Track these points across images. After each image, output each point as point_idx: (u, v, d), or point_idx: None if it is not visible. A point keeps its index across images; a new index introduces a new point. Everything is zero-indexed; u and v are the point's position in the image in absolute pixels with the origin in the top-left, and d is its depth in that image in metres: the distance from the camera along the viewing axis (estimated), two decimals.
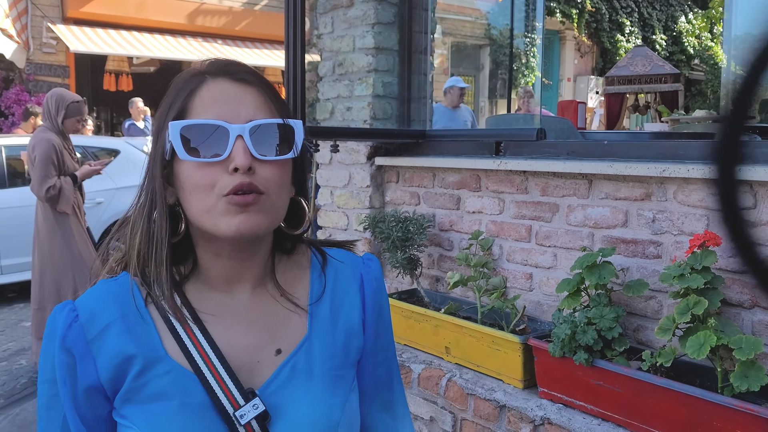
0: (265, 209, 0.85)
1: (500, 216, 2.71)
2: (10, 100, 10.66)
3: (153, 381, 0.85)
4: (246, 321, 0.92)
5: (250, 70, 0.91)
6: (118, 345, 0.86)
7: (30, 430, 3.87)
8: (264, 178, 0.85)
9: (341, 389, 0.92)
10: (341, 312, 0.97)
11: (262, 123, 0.85)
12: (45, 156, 4.33)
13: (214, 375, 0.86)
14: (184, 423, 0.84)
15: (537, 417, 2.19)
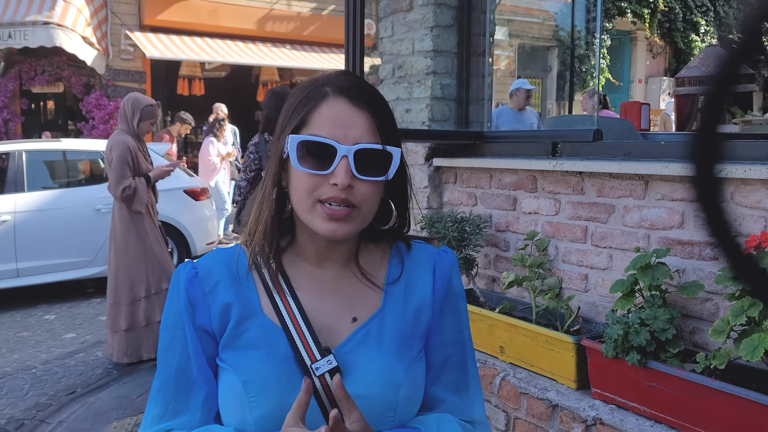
0: (356, 219, 1.01)
1: (556, 217, 2.72)
2: (91, 105, 11.19)
3: (248, 332, 1.04)
4: (330, 291, 1.08)
5: (368, 94, 1.04)
6: (225, 297, 1.06)
7: (104, 418, 4.08)
8: (360, 194, 1.00)
9: (407, 356, 1.06)
10: (415, 291, 1.10)
11: (366, 147, 0.99)
12: (121, 158, 4.56)
13: (297, 331, 1.02)
14: (269, 369, 1.01)
15: (589, 417, 2.19)
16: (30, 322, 6.36)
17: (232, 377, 1.02)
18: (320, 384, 0.99)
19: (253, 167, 4.42)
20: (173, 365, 1.08)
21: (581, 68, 15.46)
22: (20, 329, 6.10)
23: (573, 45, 13.32)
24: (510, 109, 7.03)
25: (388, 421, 1.02)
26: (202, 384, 1.06)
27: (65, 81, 11.49)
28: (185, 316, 1.06)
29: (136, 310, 4.65)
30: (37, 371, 4.99)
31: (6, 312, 6.74)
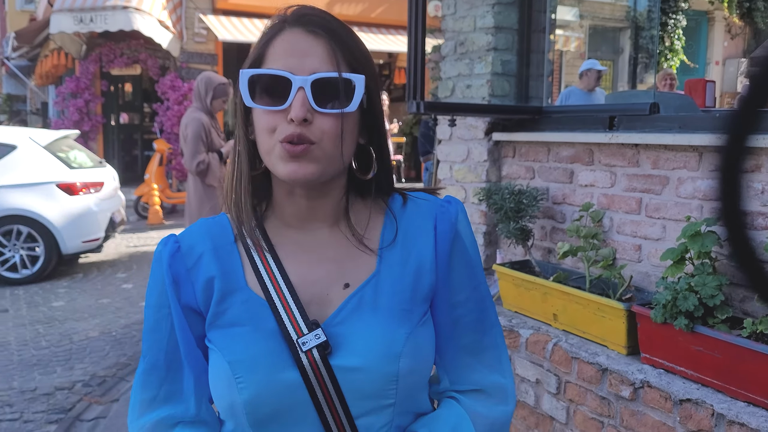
0: (318, 158, 0.90)
1: (611, 189, 2.77)
2: (166, 86, 11.63)
3: (232, 308, 0.96)
4: (318, 257, 0.98)
5: (325, 20, 0.93)
6: (208, 271, 0.98)
7: None
8: (320, 129, 0.89)
9: (407, 323, 0.95)
10: (413, 250, 1.00)
11: (324, 76, 0.89)
12: (195, 134, 4.80)
13: (283, 304, 0.94)
14: (254, 346, 0.93)
15: (637, 380, 2.26)
16: (110, 290, 6.76)
17: (219, 358, 0.94)
18: (307, 360, 0.91)
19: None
20: (162, 347, 1.00)
21: (654, 50, 15.05)
22: (101, 297, 6.50)
23: (646, 26, 12.98)
24: (579, 90, 6.96)
25: (389, 395, 0.93)
26: (192, 367, 1.00)
27: (142, 63, 11.99)
28: (170, 294, 0.98)
29: None
30: (117, 334, 5.33)
31: (88, 281, 7.18)
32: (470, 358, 1.03)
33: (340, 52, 0.92)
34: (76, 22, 10.63)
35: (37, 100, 20.29)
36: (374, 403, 0.94)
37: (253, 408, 0.92)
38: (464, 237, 1.03)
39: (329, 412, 0.92)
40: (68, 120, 11.79)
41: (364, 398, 0.93)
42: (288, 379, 0.91)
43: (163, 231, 10.20)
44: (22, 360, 4.80)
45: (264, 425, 0.93)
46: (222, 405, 0.96)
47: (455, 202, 1.05)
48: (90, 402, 4.09)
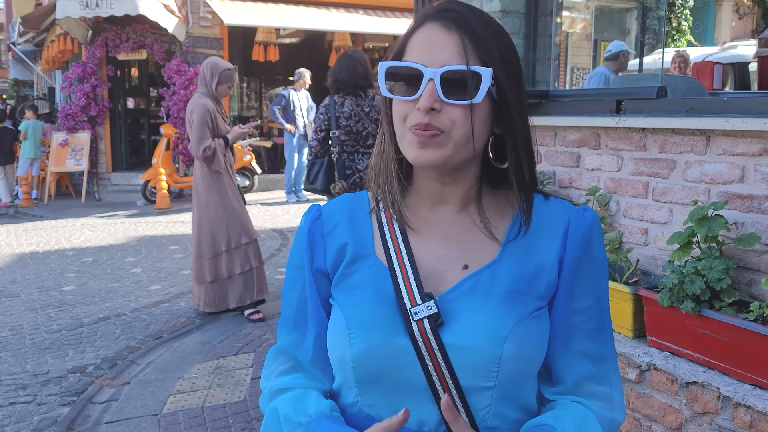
0: (444, 146, 0.96)
1: (618, 173, 2.77)
2: (172, 71, 11.61)
3: (358, 272, 1.05)
4: (443, 236, 1.04)
5: (463, 15, 0.97)
6: (341, 238, 1.08)
7: (188, 360, 4.40)
8: (449, 119, 0.95)
9: (518, 310, 0.98)
10: (538, 249, 1.03)
11: (453, 69, 0.94)
12: (201, 119, 4.81)
13: (402, 274, 1.01)
14: (371, 308, 1.01)
15: (643, 363, 2.28)
16: (119, 274, 6.81)
17: (338, 314, 1.03)
18: (418, 329, 0.96)
19: (323, 128, 4.59)
20: (293, 304, 1.12)
21: (661, 30, 14.92)
22: (111, 281, 6.56)
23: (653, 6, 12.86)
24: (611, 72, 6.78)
25: (490, 377, 0.96)
26: (314, 324, 1.09)
27: (148, 48, 11.96)
28: (305, 257, 1.09)
29: (219, 263, 4.94)
30: (127, 318, 5.38)
31: (98, 265, 7.24)
32: (589, 366, 1.04)
33: (472, 46, 0.95)
34: (81, 6, 10.60)
35: (44, 85, 20.31)
36: (476, 383, 0.97)
37: (360, 363, 0.99)
38: (595, 248, 1.05)
39: (438, 381, 0.97)
40: (75, 105, 11.80)
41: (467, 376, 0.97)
42: (397, 344, 0.98)
43: (171, 215, 10.25)
44: (35, 343, 4.86)
45: (368, 383, 1.00)
46: (334, 358, 1.04)
47: (591, 213, 1.07)
48: (102, 385, 4.15)
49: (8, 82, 25.91)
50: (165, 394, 3.95)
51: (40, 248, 8.19)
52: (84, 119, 11.94)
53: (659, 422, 2.24)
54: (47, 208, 11.26)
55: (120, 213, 10.55)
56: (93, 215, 10.44)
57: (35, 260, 7.56)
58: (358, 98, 4.57)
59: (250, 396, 3.85)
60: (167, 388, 4.03)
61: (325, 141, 4.60)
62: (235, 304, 5.04)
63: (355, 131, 4.59)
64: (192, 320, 5.20)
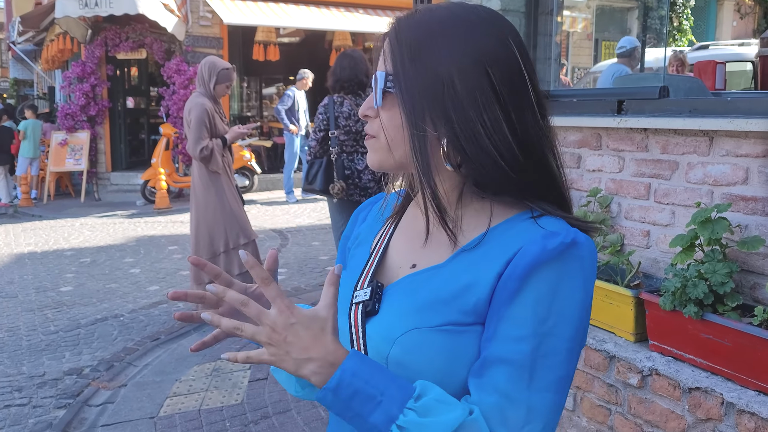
0: (376, 149, 1.00)
1: (620, 174, 2.73)
2: (171, 71, 11.57)
3: (355, 255, 1.14)
4: (414, 234, 1.05)
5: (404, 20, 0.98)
6: (363, 224, 1.19)
7: (186, 363, 4.37)
8: (377, 124, 0.99)
9: (422, 319, 0.93)
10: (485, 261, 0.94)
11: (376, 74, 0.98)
12: (199, 119, 4.77)
13: (371, 260, 1.06)
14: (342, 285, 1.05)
15: (645, 368, 2.25)
16: (118, 275, 6.78)
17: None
18: (353, 312, 1.01)
19: (322, 128, 4.55)
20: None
21: (662, 30, 14.87)
22: (109, 281, 6.52)
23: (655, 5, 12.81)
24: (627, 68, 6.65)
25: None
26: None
27: (147, 47, 11.92)
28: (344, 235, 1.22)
29: (216, 264, 4.90)
30: (125, 319, 5.35)
31: (96, 266, 7.20)
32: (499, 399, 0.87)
33: (384, 50, 0.98)
34: (81, 6, 10.56)
35: (44, 84, 20.28)
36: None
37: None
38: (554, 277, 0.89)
39: None
40: (75, 105, 11.76)
41: None
42: (342, 322, 1.01)
43: (170, 215, 10.22)
44: (31, 345, 4.83)
45: None
46: None
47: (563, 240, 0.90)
48: (98, 387, 4.11)
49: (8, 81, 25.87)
50: (162, 396, 3.92)
51: (38, 248, 8.16)
52: (83, 119, 11.90)
53: (661, 428, 2.20)
54: (46, 208, 11.22)
55: (119, 213, 10.52)
56: (92, 215, 10.40)
57: (33, 261, 7.52)
58: (358, 97, 4.54)
59: (248, 399, 3.81)
60: (164, 390, 4.00)
61: (324, 141, 4.57)
62: None
63: (354, 131, 4.55)
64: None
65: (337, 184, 4.55)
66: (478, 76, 0.92)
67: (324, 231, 8.62)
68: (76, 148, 11.83)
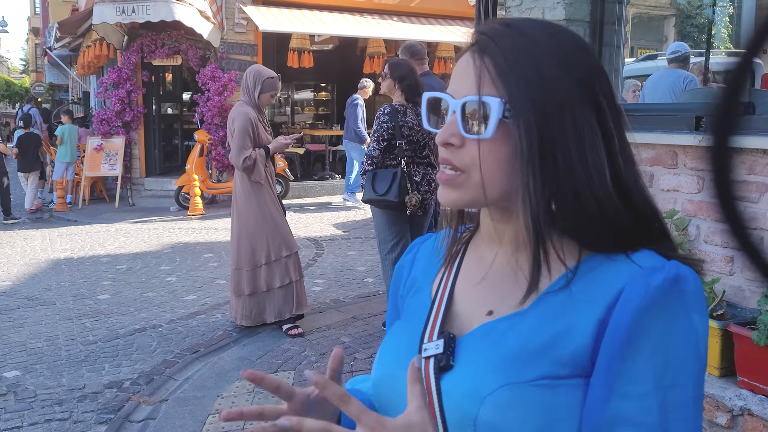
0: (463, 187, 0.86)
1: (699, 195, 2.57)
2: (206, 77, 11.57)
3: (412, 302, 1.03)
4: (486, 277, 0.94)
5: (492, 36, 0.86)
6: (418, 269, 1.07)
7: (227, 378, 4.27)
8: (470, 156, 0.84)
9: (515, 371, 0.83)
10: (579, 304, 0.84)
11: (468, 100, 0.84)
12: (242, 129, 4.69)
13: (436, 309, 0.95)
14: (398, 337, 0.98)
15: (736, 407, 2.09)
16: (154, 283, 6.73)
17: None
18: (423, 366, 0.88)
19: (386, 137, 4.44)
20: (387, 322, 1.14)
21: (700, 38, 14.58)
22: (146, 290, 6.47)
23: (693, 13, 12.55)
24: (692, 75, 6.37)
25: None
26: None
27: (183, 54, 11.94)
28: (395, 279, 1.12)
29: (257, 276, 4.81)
30: (163, 330, 5.28)
31: (133, 273, 7.17)
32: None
33: (489, 72, 0.84)
34: (118, 12, 10.61)
35: (79, 89, 20.51)
36: None
37: (376, 389, 0.98)
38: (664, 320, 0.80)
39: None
40: (110, 110, 11.82)
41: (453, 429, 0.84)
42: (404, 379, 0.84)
43: (204, 221, 10.20)
44: (70, 355, 4.77)
45: (384, 409, 0.95)
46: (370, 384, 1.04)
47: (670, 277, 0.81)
48: (139, 401, 4.03)
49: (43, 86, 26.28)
50: (204, 413, 3.82)
51: (74, 254, 8.16)
52: (118, 124, 11.95)
53: None
54: (81, 213, 11.28)
55: (153, 218, 10.52)
56: (126, 220, 10.42)
57: (70, 267, 7.52)
58: (417, 106, 4.51)
59: None
60: (206, 406, 3.90)
61: (388, 150, 4.47)
62: (273, 318, 4.89)
63: (415, 141, 4.51)
64: (229, 334, 5.08)
65: (414, 196, 4.47)
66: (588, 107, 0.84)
67: (359, 241, 8.51)
68: (111, 154, 11.88)
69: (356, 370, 4.21)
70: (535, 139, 0.82)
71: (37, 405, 3.98)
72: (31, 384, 4.27)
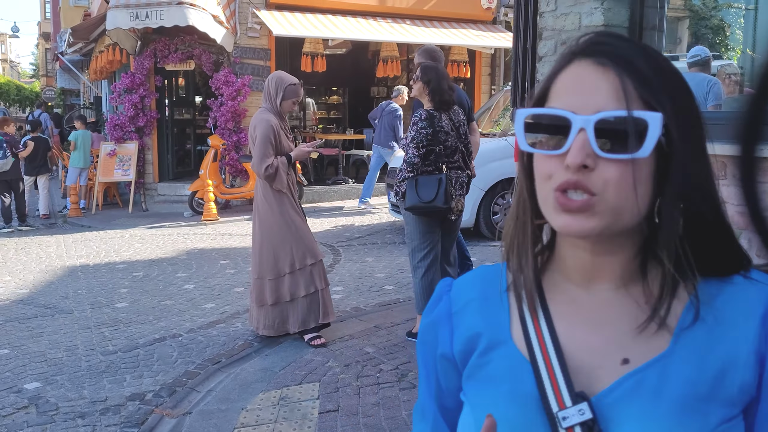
0: (598, 213, 0.77)
1: None
2: (220, 82, 11.54)
3: (493, 362, 0.87)
4: (596, 321, 0.84)
5: (621, 48, 0.80)
6: (472, 321, 0.91)
7: (250, 390, 4.20)
8: (603, 178, 0.76)
9: (698, 422, 0.76)
10: (724, 337, 0.80)
11: (610, 116, 0.76)
12: (264, 136, 4.62)
13: (547, 367, 0.81)
14: (507, 409, 0.82)
15: None
16: (172, 291, 6.67)
17: (469, 414, 0.88)
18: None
19: (425, 143, 4.39)
20: (422, 388, 0.98)
21: (715, 40, 14.45)
22: (164, 298, 6.42)
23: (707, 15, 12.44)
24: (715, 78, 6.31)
25: None
26: (431, 418, 0.97)
27: (196, 59, 11.92)
28: (425, 338, 0.97)
29: (281, 285, 4.73)
30: (183, 339, 5.21)
31: (150, 280, 7.11)
32: None
33: (633, 86, 0.77)
34: (132, 18, 10.58)
35: (90, 94, 20.55)
36: None
37: None
38: None
39: None
40: (123, 116, 11.80)
41: None
42: None
43: (218, 226, 10.16)
44: (91, 366, 4.71)
45: None
46: None
47: None
48: (162, 414, 3.97)
49: (54, 90, 26.36)
50: (229, 427, 3.75)
51: (90, 261, 8.12)
52: (132, 129, 11.93)
53: None
54: (95, 218, 11.26)
55: (167, 224, 10.49)
56: (140, 226, 10.39)
57: (86, 274, 7.48)
58: (451, 112, 4.49)
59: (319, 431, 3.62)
60: (230, 420, 3.83)
61: (427, 157, 4.43)
62: (296, 328, 4.81)
63: (448, 146, 4.49)
64: (250, 344, 5.01)
65: (459, 201, 4.52)
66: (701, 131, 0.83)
67: (376, 246, 8.44)
68: (125, 159, 11.87)
69: (382, 382, 4.13)
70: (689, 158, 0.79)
71: (60, 418, 3.92)
72: (52, 396, 4.22)
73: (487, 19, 14.01)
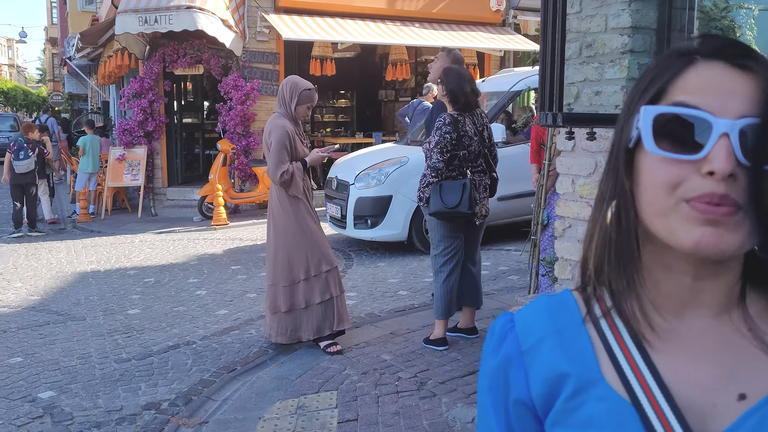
0: (742, 228, 0.69)
1: None
2: (228, 86, 11.50)
3: (586, 405, 0.77)
4: (699, 354, 0.76)
5: (755, 53, 0.73)
6: (552, 360, 0.80)
7: (267, 398, 4.14)
8: (745, 189, 0.69)
9: None
10: None
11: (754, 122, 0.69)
12: (280, 142, 4.56)
13: (655, 410, 0.73)
14: None
15: None
16: (184, 297, 6.62)
17: None
18: None
19: (449, 148, 4.35)
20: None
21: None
22: (176, 304, 6.36)
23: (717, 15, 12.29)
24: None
25: None
26: None
27: (205, 63, 11.88)
28: (490, 383, 0.86)
29: (295, 292, 4.67)
30: (197, 347, 5.16)
31: (161, 286, 7.07)
32: None
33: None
34: (140, 22, 10.56)
35: (98, 99, 20.57)
36: None
37: None
38: None
39: None
40: (132, 120, 11.77)
41: None
42: None
43: (228, 231, 10.11)
44: (105, 374, 4.66)
45: None
46: None
47: None
48: (179, 424, 3.91)
49: (62, 95, 26.42)
50: None
51: (101, 266, 8.08)
52: (141, 134, 11.90)
53: None
54: (104, 224, 11.23)
55: (177, 229, 10.44)
56: (150, 231, 10.35)
57: (97, 280, 7.43)
58: (473, 116, 4.45)
59: None
60: (248, 429, 3.77)
61: (451, 162, 4.39)
62: (310, 336, 4.75)
63: (472, 150, 4.44)
64: (265, 351, 4.95)
65: (483, 206, 4.51)
66: None
67: (387, 251, 8.37)
68: (134, 164, 11.84)
69: (402, 391, 4.06)
70: None
71: (75, 428, 3.87)
72: (67, 405, 4.17)
73: (496, 22, 13.95)
